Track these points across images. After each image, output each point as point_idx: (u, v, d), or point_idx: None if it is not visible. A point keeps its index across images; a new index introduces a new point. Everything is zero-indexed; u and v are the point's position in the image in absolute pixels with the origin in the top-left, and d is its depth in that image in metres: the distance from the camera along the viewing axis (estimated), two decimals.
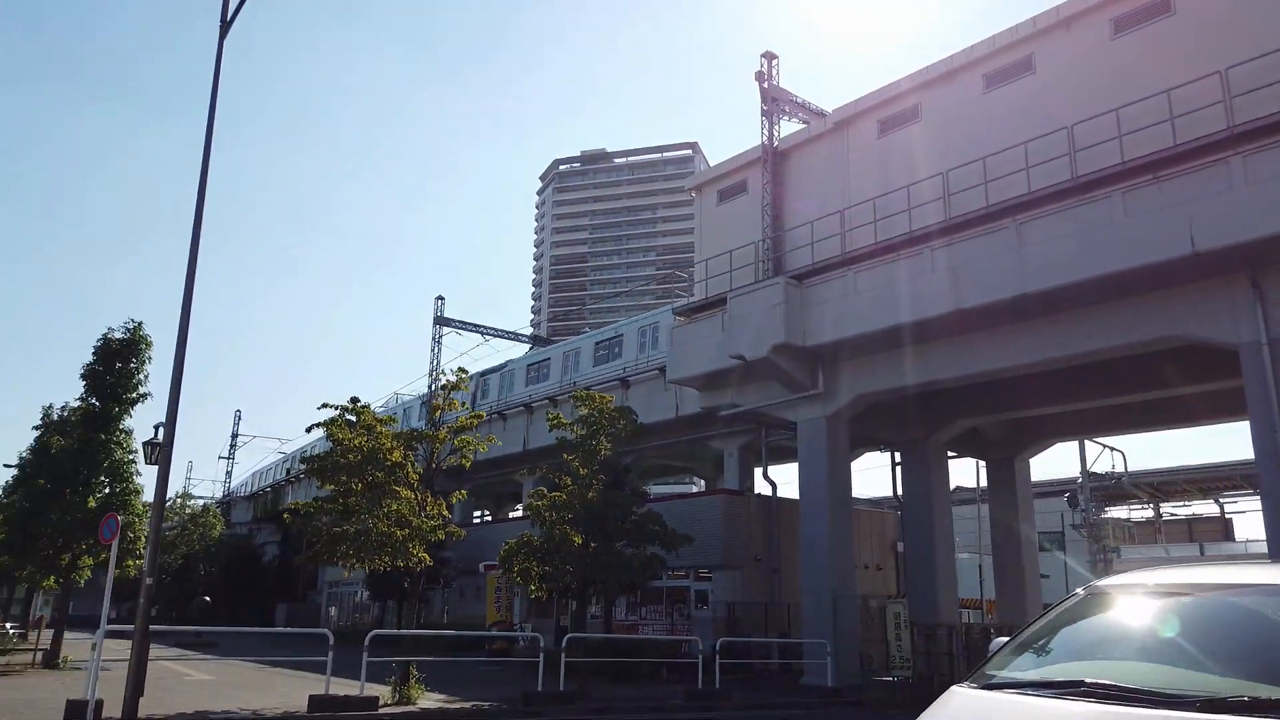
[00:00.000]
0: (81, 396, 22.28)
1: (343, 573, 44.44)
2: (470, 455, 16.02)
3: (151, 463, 12.98)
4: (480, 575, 32.36)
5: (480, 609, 36.21)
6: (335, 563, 15.60)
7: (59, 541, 21.10)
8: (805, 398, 22.01)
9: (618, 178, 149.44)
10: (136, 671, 11.66)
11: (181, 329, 12.60)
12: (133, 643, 11.83)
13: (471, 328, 43.16)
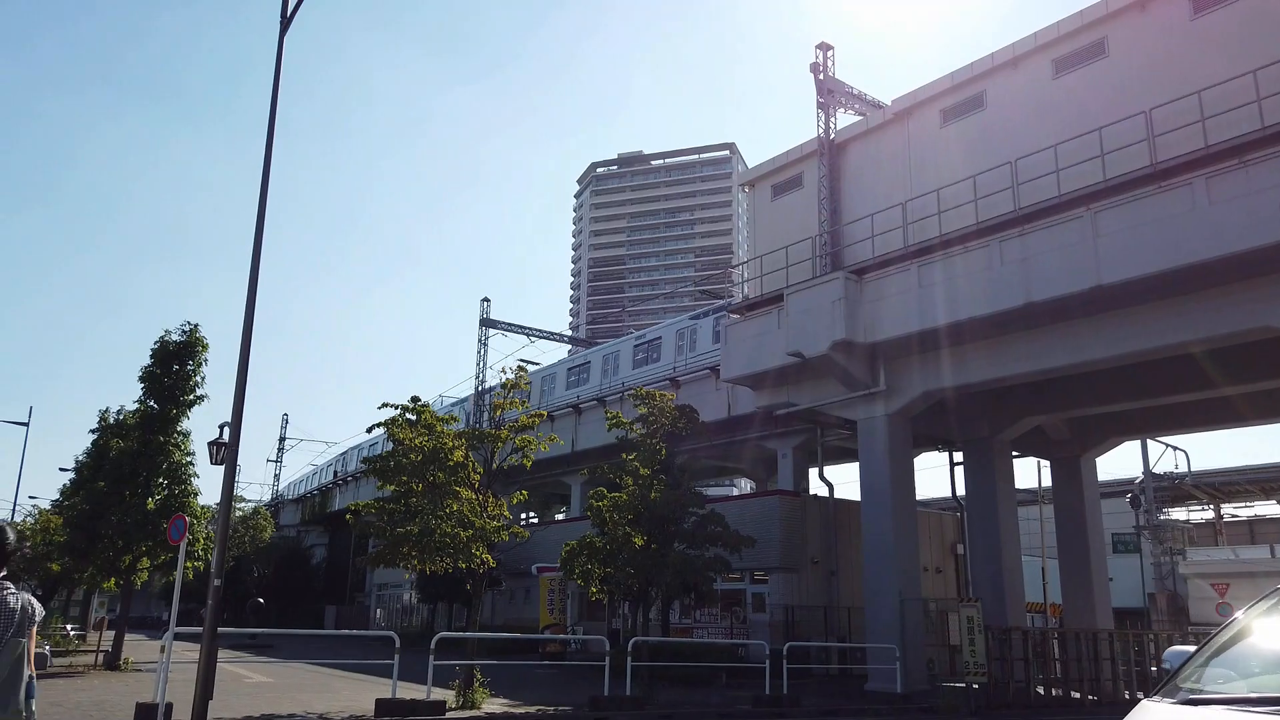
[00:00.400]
0: (140, 399, 22.37)
1: (393, 575, 44.64)
2: (531, 455, 15.74)
3: (217, 463, 12.85)
4: (530, 577, 32.16)
5: (530, 611, 36.02)
6: (398, 564, 15.40)
7: (119, 543, 21.18)
8: (866, 396, 21.46)
9: (655, 179, 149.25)
10: (205, 675, 11.50)
11: (245, 331, 12.44)
12: (201, 645, 11.67)
13: (517, 329, 43.02)
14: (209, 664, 11.59)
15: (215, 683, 13.14)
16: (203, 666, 11.56)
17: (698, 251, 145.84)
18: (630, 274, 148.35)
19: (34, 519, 26.44)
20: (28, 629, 3.79)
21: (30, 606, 3.84)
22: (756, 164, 25.48)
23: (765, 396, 24.42)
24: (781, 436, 28.77)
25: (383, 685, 17.76)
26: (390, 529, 14.63)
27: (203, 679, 11.50)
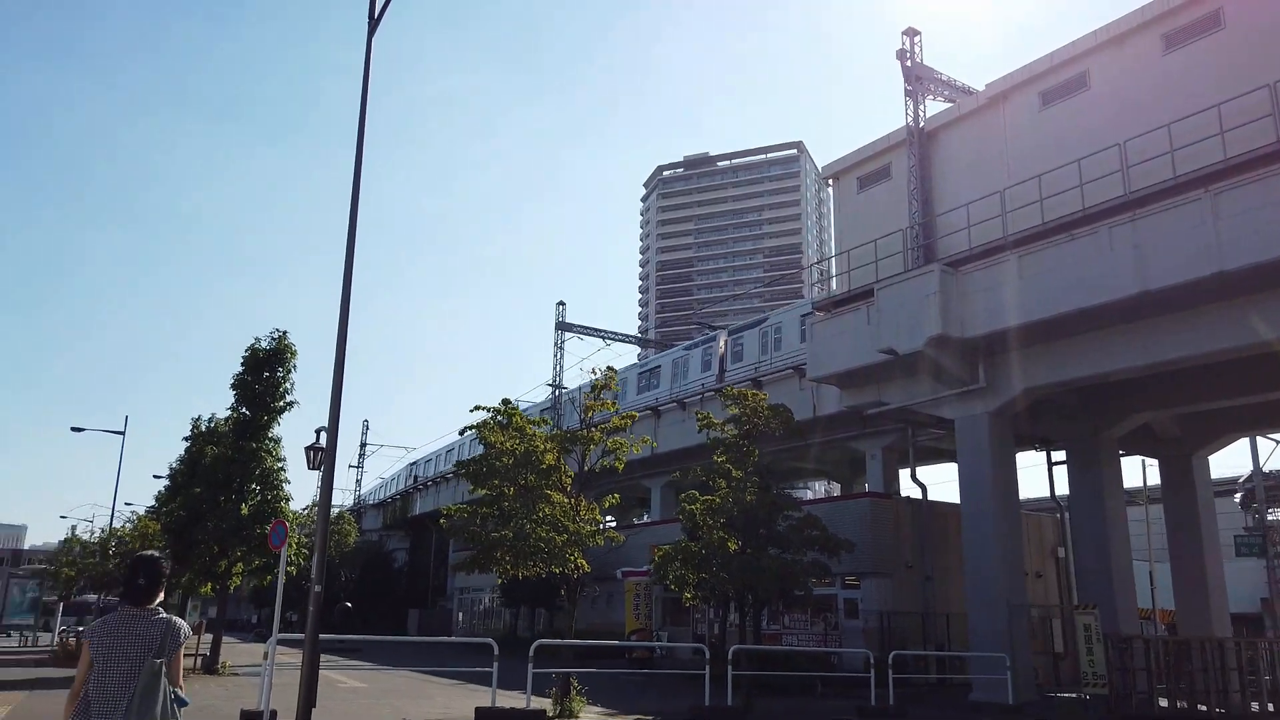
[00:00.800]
0: (232, 405, 22.72)
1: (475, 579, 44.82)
2: (624, 457, 15.37)
3: (314, 468, 12.74)
4: (613, 582, 31.83)
5: (613, 616, 35.71)
6: (491, 569, 15.17)
7: (215, 548, 21.49)
8: (964, 393, 20.57)
9: (721, 181, 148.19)
10: (309, 681, 11.38)
11: (340, 336, 12.32)
12: (304, 651, 11.56)
13: (592, 332, 42.91)
14: (311, 670, 11.46)
15: (279, 682, 13.09)
16: (305, 672, 11.44)
17: (766, 252, 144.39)
18: (698, 276, 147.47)
19: (132, 524, 27.06)
20: (170, 651, 4.09)
21: (174, 627, 4.15)
22: (839, 156, 24.73)
23: (853, 396, 23.66)
24: (869, 437, 27.96)
25: (476, 692, 17.61)
26: (484, 533, 14.40)
27: (306, 685, 11.38)
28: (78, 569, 25.90)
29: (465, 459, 15.76)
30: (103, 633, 4.06)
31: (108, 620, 4.14)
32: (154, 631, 4.07)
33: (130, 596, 4.16)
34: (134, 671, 3.96)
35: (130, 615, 4.11)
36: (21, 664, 22.95)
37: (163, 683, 4.03)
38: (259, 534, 21.56)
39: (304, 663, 11.49)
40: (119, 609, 4.20)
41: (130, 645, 4.01)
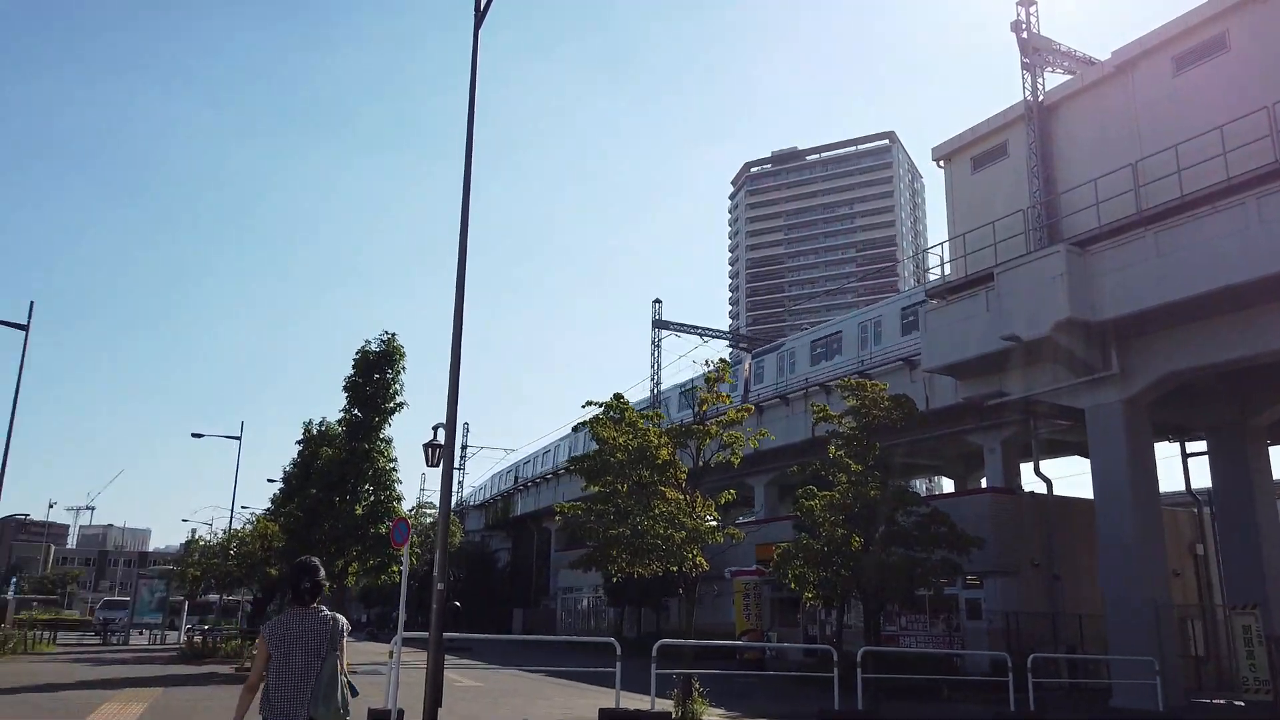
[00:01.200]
0: (344, 408, 23.12)
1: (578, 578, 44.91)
2: (740, 451, 14.91)
3: (433, 465, 12.66)
4: (720, 581, 31.30)
5: (719, 616, 35.16)
6: (606, 567, 14.89)
7: (331, 548, 21.88)
8: (1095, 380, 19.38)
9: (811, 175, 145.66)
10: (434, 679, 11.28)
11: (456, 334, 12.21)
12: (429, 650, 11.47)
13: (690, 329, 42.47)
14: (436, 669, 11.36)
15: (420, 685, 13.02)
16: (431, 671, 11.34)
17: (859, 246, 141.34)
18: (789, 272, 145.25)
19: (251, 526, 27.90)
20: (339, 642, 4.47)
21: (339, 623, 4.52)
22: (950, 136, 23.67)
23: (971, 386, 22.60)
24: (987, 430, 26.71)
25: (590, 692, 17.39)
26: (601, 530, 14.13)
27: (431, 684, 11.28)
28: (202, 569, 26.81)
29: (579, 455, 15.54)
30: (278, 630, 4.43)
31: (281, 619, 4.53)
32: (323, 627, 4.43)
33: (297, 598, 4.53)
34: (309, 663, 4.33)
35: (300, 614, 4.48)
36: (153, 660, 23.84)
37: (339, 673, 4.42)
38: (373, 534, 21.87)
39: (429, 662, 11.40)
40: (287, 609, 4.61)
41: (303, 640, 4.37)
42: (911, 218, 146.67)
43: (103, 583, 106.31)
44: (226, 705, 13.98)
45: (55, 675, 18.42)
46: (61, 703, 13.50)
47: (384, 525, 22.12)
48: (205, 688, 16.89)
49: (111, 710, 12.87)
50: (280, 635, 4.37)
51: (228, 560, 26.89)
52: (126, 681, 17.31)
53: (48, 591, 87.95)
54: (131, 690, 15.51)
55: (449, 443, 11.96)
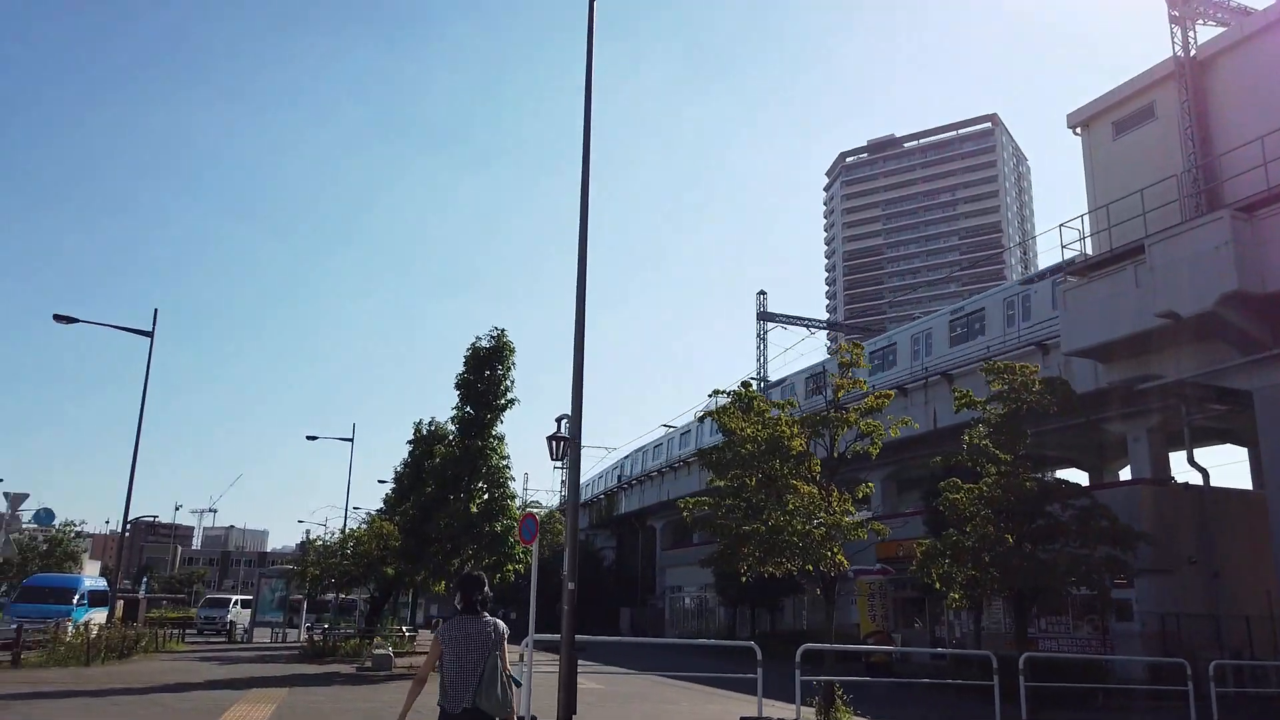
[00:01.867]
0: (456, 405, 22.85)
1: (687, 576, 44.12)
2: (879, 441, 13.85)
3: (558, 458, 12.04)
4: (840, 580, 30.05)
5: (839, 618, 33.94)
6: (736, 566, 14.05)
7: (448, 546, 21.64)
8: (1264, 359, 17.56)
9: (910, 163, 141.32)
10: (568, 684, 10.66)
11: (579, 313, 11.58)
12: (562, 653, 10.85)
13: (797, 321, 41.19)
14: (570, 672, 10.73)
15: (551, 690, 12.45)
16: (564, 675, 10.72)
17: (962, 234, 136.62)
18: (889, 263, 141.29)
19: (367, 525, 28.09)
20: (500, 644, 5.15)
21: (500, 628, 5.21)
22: (1089, 100, 21.95)
23: (1118, 370, 20.91)
24: (1129, 417, 24.74)
25: (719, 697, 16.59)
26: (734, 526, 13.29)
27: (565, 689, 10.65)
28: (322, 568, 27.08)
29: (706, 447, 14.73)
30: (451, 632, 5.14)
31: (452, 623, 5.18)
32: (486, 630, 5.12)
33: (466, 606, 5.22)
34: (476, 660, 5.02)
35: (466, 619, 5.18)
36: (276, 659, 24.10)
37: (500, 667, 5.08)
38: (488, 531, 21.53)
39: (561, 666, 10.78)
40: (456, 615, 5.24)
41: (470, 640, 5.07)
42: (1017, 203, 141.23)
43: (226, 582, 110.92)
44: (352, 707, 13.68)
45: (185, 674, 18.62)
46: (192, 703, 13.43)
47: (498, 523, 21.79)
48: (329, 688, 16.76)
49: (241, 711, 12.69)
50: (452, 636, 5.11)
51: (345, 560, 27.08)
52: (253, 681, 17.33)
53: (175, 590, 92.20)
54: (259, 691, 15.44)
55: (575, 432, 11.31)
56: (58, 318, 26.55)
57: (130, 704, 13.19)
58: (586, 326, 11.49)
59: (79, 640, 20.78)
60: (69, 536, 45.38)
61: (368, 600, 34.37)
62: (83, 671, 18.45)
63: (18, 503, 18.20)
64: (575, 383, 11.40)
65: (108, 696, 13.92)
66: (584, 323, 11.55)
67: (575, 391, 11.38)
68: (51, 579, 31.01)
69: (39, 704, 12.83)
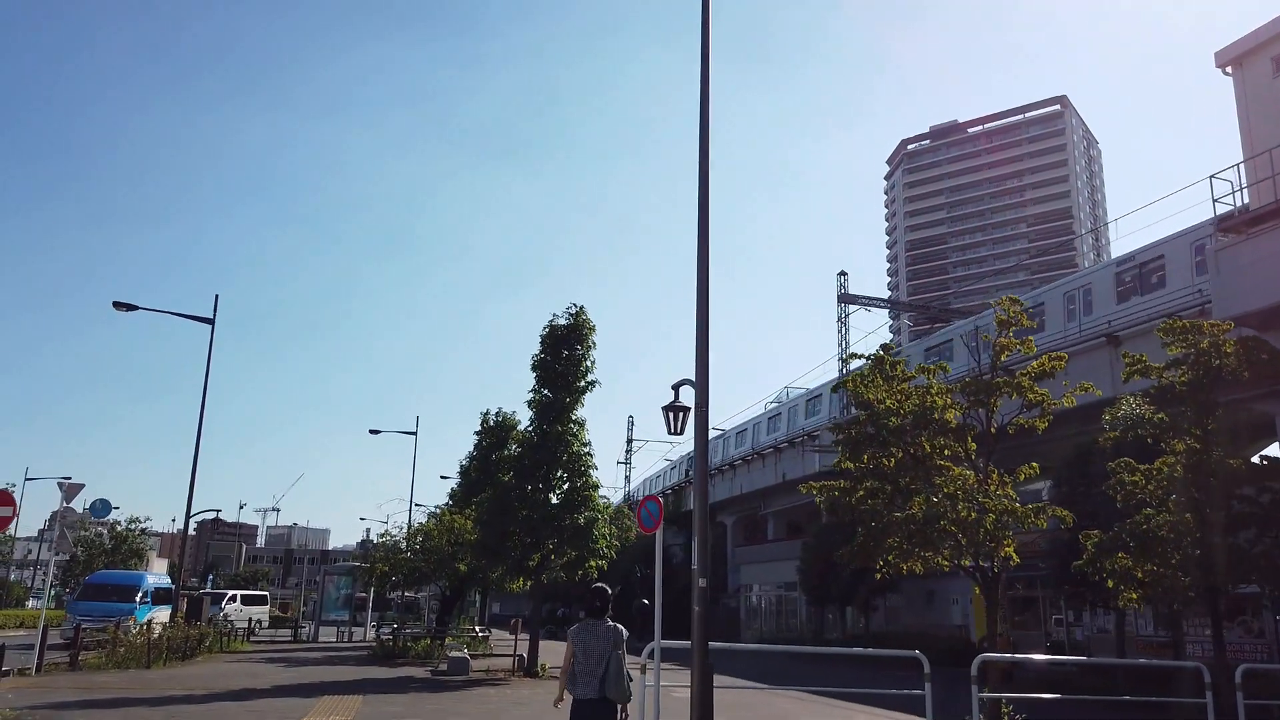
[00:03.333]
0: (533, 388, 21.12)
1: (764, 573, 41.94)
2: (1050, 412, 11.69)
3: (677, 431, 10.15)
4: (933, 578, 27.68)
5: (929, 618, 31.59)
6: (876, 561, 12.03)
7: (527, 540, 19.92)
8: None
9: (975, 148, 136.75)
10: (701, 703, 8.76)
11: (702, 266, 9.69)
12: (693, 668, 8.96)
13: (880, 303, 38.82)
14: (704, 689, 8.82)
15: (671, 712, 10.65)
16: (697, 693, 8.81)
17: (1030, 221, 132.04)
18: (953, 252, 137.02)
19: (436, 519, 26.55)
20: (621, 643, 6.10)
21: (620, 631, 6.17)
22: (1239, 37, 19.40)
23: None
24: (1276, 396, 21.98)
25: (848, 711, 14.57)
26: (882, 514, 11.27)
27: (699, 706, 8.75)
28: (390, 564, 25.60)
29: (841, 421, 12.71)
30: (580, 633, 6.15)
31: (581, 626, 6.21)
32: (609, 633, 6.11)
33: (591, 613, 6.24)
34: (601, 658, 6.00)
35: (593, 623, 6.19)
36: (345, 661, 22.68)
37: (624, 665, 6.04)
38: (570, 524, 19.77)
39: (694, 680, 8.88)
40: (584, 619, 6.29)
41: (596, 640, 6.07)
42: (1089, 188, 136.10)
43: (290, 579, 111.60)
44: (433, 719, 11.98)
45: (250, 678, 17.18)
46: (259, 716, 11.83)
47: (581, 515, 20.01)
48: (405, 695, 15.12)
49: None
50: (582, 637, 6.08)
51: (414, 556, 25.56)
52: (322, 687, 15.78)
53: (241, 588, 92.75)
54: (330, 699, 13.84)
55: (702, 388, 9.38)
56: (117, 305, 25.50)
57: (188, 715, 11.65)
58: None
59: (140, 641, 19.53)
60: (135, 533, 45.08)
61: (437, 598, 32.95)
62: (142, 675, 17.12)
63: (73, 493, 16.89)
64: (700, 336, 9.50)
65: (165, 706, 12.41)
66: (707, 264, 9.66)
67: (700, 346, 9.48)
68: (114, 576, 30.23)
69: (90, 715, 11.35)
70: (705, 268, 9.69)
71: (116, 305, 25.36)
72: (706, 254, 9.75)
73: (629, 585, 42.60)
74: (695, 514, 9.31)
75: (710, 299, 9.69)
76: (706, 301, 9.63)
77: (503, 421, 32.97)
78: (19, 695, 13.15)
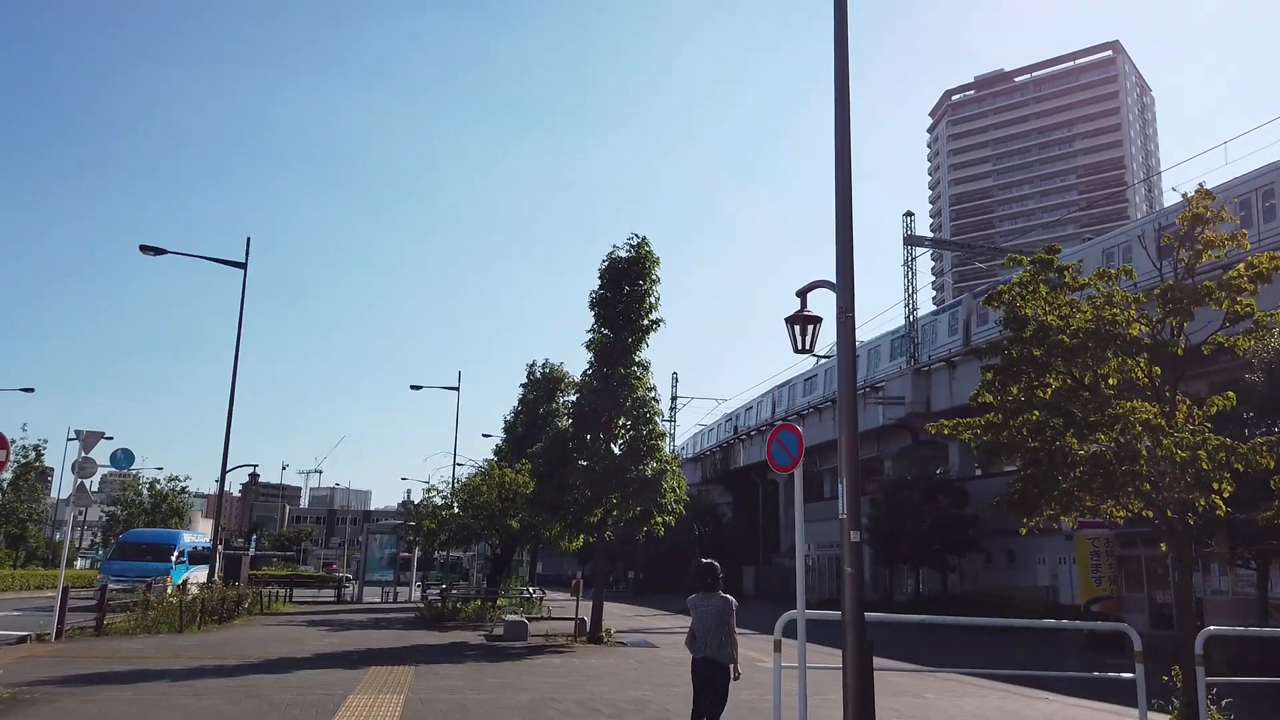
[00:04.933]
0: (592, 327, 19.14)
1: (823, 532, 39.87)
2: (1273, 330, 9.44)
3: (804, 350, 8.04)
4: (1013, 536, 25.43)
5: (1012, 579, 29.38)
6: (1041, 512, 9.94)
7: (587, 494, 18.02)
8: None
9: (1022, 98, 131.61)
10: (858, 697, 6.75)
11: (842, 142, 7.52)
12: (846, 649, 6.95)
13: (948, 244, 36.25)
14: (861, 678, 6.80)
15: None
16: (852, 683, 6.80)
17: (1080, 172, 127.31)
18: (999, 206, 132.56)
19: (483, 473, 24.73)
20: (730, 614, 6.88)
21: (729, 603, 6.94)
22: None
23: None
24: None
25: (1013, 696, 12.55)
26: (1062, 453, 9.12)
27: (856, 701, 6.75)
28: (438, 521, 23.87)
29: (995, 340, 10.52)
30: (697, 604, 6.94)
31: (698, 597, 6.96)
32: (719, 604, 6.87)
33: (704, 586, 6.96)
34: (715, 625, 6.77)
35: (706, 595, 6.92)
36: (391, 624, 21.08)
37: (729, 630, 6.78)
38: (636, 476, 17.84)
39: (848, 663, 6.87)
40: (700, 592, 6.98)
41: (709, 609, 6.84)
42: (1141, 136, 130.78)
43: (333, 539, 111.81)
44: (503, 700, 10.14)
45: (288, 645, 15.53)
46: (295, 691, 10.08)
47: (647, 466, 18.07)
48: (461, 666, 13.35)
49: (361, 704, 9.26)
50: (697, 606, 6.90)
51: (463, 512, 23.77)
52: (369, 656, 14.06)
53: (285, 548, 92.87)
54: (379, 672, 12.08)
55: (845, 293, 7.25)
56: (144, 249, 24.02)
57: (216, 691, 9.91)
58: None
59: (172, 603, 17.98)
60: (175, 492, 44.02)
61: (485, 557, 31.35)
62: (173, 641, 15.54)
63: (92, 443, 15.27)
64: (842, 222, 7.36)
65: (189, 681, 10.70)
66: (848, 129, 7.48)
67: (842, 233, 7.34)
68: (148, 534, 28.97)
69: (98, 692, 9.64)
70: (845, 131, 7.52)
71: (144, 249, 23.90)
72: (847, 120, 7.58)
73: (683, 544, 40.65)
74: (842, 448, 7.21)
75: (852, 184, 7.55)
76: (849, 180, 7.49)
77: (550, 373, 31.09)
78: (26, 666, 11.54)
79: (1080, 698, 12.01)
